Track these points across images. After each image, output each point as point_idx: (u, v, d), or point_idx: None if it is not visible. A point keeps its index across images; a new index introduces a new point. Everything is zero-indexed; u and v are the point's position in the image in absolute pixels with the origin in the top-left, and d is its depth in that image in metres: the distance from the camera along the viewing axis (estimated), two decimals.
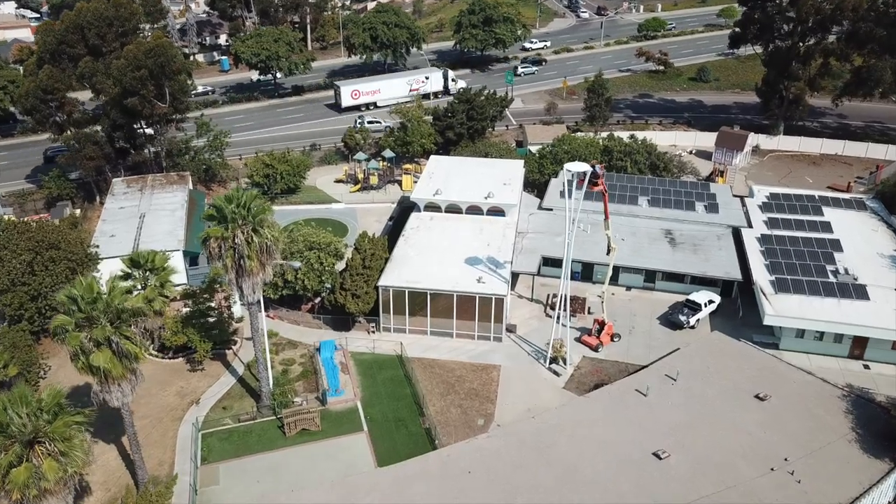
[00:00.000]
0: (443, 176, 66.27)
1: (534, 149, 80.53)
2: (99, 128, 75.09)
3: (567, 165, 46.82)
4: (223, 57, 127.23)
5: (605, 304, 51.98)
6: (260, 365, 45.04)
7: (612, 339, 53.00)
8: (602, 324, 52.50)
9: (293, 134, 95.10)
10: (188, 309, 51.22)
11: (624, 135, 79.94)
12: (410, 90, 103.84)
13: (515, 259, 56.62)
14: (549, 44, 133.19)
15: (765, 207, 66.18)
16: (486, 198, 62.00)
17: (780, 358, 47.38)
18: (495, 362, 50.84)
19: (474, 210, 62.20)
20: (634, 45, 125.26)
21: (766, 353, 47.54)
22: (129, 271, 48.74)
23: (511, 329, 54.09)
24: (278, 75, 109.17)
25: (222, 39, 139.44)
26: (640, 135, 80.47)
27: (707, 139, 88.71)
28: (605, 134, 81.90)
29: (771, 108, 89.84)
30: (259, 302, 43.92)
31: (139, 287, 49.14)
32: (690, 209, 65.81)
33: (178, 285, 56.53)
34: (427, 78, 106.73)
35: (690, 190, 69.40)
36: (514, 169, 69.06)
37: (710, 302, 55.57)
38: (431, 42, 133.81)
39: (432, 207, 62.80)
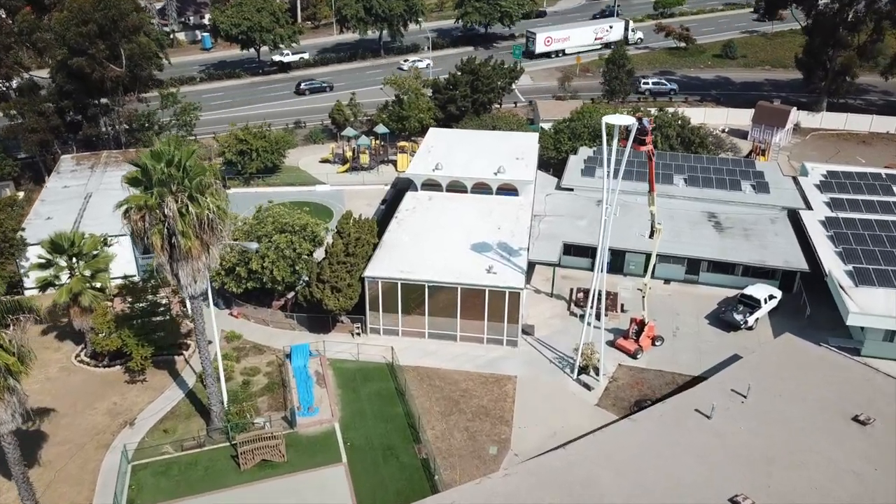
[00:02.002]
0: (444, 149, 56.15)
1: (546, 126, 70.43)
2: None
3: (607, 118, 36.72)
4: (205, 34, 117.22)
5: (646, 299, 41.85)
6: (208, 377, 34.97)
7: (653, 343, 42.95)
8: (641, 324, 42.44)
9: (277, 112, 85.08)
10: (126, 305, 41.19)
11: (650, 110, 69.81)
12: (595, 38, 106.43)
13: (532, 246, 46.53)
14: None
15: (823, 187, 56.19)
16: (495, 173, 51.89)
17: (873, 366, 37.25)
18: (510, 372, 40.77)
19: (481, 188, 52.10)
20: (651, 23, 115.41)
21: (855, 362, 37.41)
22: (50, 258, 38.87)
23: (528, 331, 44.03)
24: (265, 51, 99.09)
25: (206, 19, 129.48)
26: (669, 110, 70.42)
27: (740, 116, 78.79)
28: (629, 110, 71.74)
29: (814, 81, 79.78)
30: (205, 295, 33.91)
31: (64, 278, 39.35)
32: (735, 189, 55.78)
33: (127, 277, 46.60)
34: (611, 27, 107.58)
35: (733, 168, 59.42)
36: (528, 142, 58.89)
37: (771, 297, 45.52)
38: (431, 20, 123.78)
39: (431, 185, 52.69)
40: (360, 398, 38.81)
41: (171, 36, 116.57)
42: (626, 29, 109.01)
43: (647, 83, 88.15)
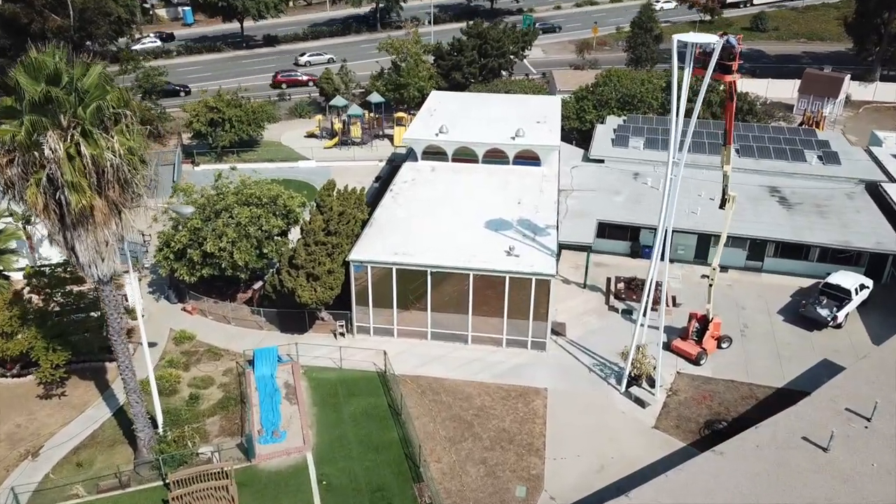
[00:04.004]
0: (449, 113, 46.76)
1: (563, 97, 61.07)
2: None
3: (679, 36, 27.39)
4: (186, 8, 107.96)
5: (713, 288, 32.50)
6: (130, 393, 25.64)
7: (719, 345, 33.66)
8: (704, 321, 33.13)
9: (260, 85, 75.76)
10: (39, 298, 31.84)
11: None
12: None
13: (559, 226, 37.18)
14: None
15: None
16: (512, 138, 42.52)
17: None
18: (538, 384, 31.43)
19: (495, 157, 42.74)
20: None
21: None
22: None
23: (559, 330, 34.72)
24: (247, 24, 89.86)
25: None
26: None
27: (782, 88, 69.53)
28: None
29: (867, 47, 70.40)
30: (114, 280, 24.69)
31: None
32: (799, 160, 46.47)
33: (44, 266, 37.10)
34: None
35: (791, 137, 50.04)
36: (550, 106, 49.47)
37: (862, 287, 36.22)
38: None
39: (434, 153, 43.32)
40: (342, 419, 29.45)
41: (151, 11, 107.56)
42: None
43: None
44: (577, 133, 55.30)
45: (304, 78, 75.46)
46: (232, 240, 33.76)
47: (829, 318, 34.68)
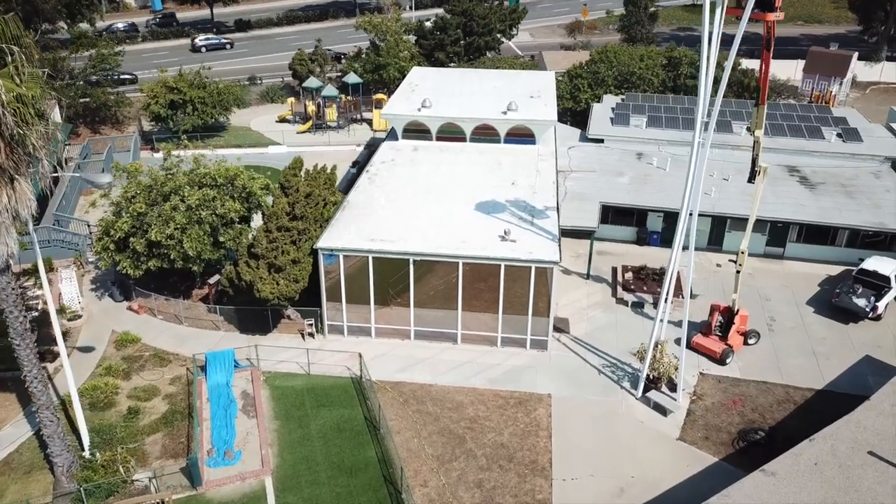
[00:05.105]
0: (432, 89, 42.14)
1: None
2: None
3: None
4: None
5: (740, 275, 28.17)
6: (42, 409, 20.84)
7: (745, 341, 29.36)
8: (728, 314, 28.82)
9: (232, 70, 70.63)
10: None
11: None
12: None
13: (560, 209, 32.70)
14: None
15: None
16: (504, 113, 38.01)
17: None
18: (540, 389, 26.92)
19: (485, 133, 38.19)
20: None
21: None
22: None
23: (561, 327, 30.25)
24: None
25: None
26: None
27: (784, 68, 65.36)
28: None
29: (873, 25, 66.78)
30: (8, 267, 19.87)
31: None
32: (816, 137, 42.40)
33: None
34: None
35: (805, 114, 46.02)
36: (543, 80, 44.99)
37: None
38: None
39: (417, 131, 38.67)
40: (309, 435, 24.73)
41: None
42: None
43: None
44: (570, 114, 51.08)
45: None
46: (181, 226, 28.92)
47: (867, 309, 30.52)
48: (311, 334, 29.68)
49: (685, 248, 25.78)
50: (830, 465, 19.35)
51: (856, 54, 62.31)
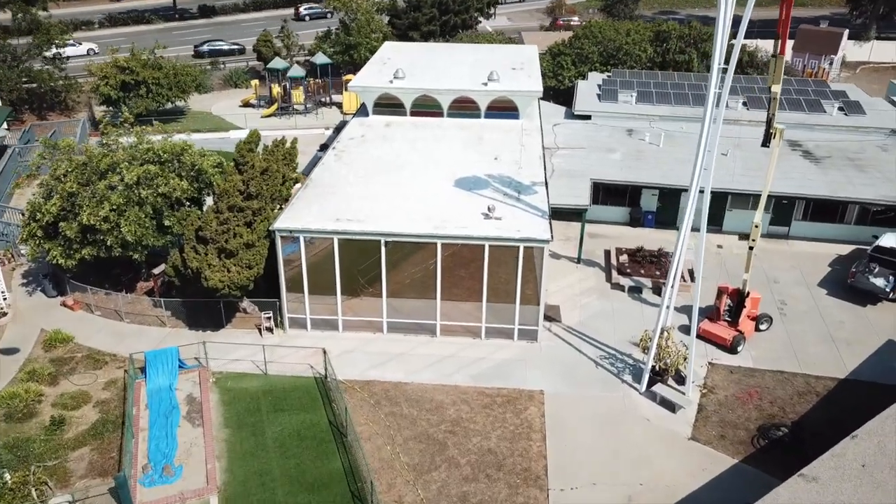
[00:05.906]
0: (406, 62, 38.66)
1: None
2: None
3: None
4: None
5: (752, 252, 25.14)
6: None
7: (757, 327, 26.37)
8: (737, 297, 25.79)
9: (192, 55, 66.80)
10: None
11: None
12: None
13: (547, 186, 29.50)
14: None
15: None
16: (485, 84, 34.70)
17: None
18: (531, 385, 23.62)
19: (464, 107, 34.87)
20: None
21: None
22: None
23: (552, 315, 27.02)
24: None
25: None
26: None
27: (771, 47, 63.12)
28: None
29: (861, 3, 64.68)
30: None
31: None
32: (817, 111, 39.73)
33: None
34: None
35: (802, 87, 43.40)
36: (526, 53, 41.74)
37: None
38: None
39: (389, 105, 35.23)
40: (264, 445, 21.17)
41: None
42: None
43: None
44: (553, 92, 47.96)
45: None
46: (117, 207, 25.20)
47: (886, 289, 27.72)
48: (269, 329, 26.10)
49: (676, 228, 22.70)
50: (881, 466, 16.29)
51: (846, 32, 60.16)
